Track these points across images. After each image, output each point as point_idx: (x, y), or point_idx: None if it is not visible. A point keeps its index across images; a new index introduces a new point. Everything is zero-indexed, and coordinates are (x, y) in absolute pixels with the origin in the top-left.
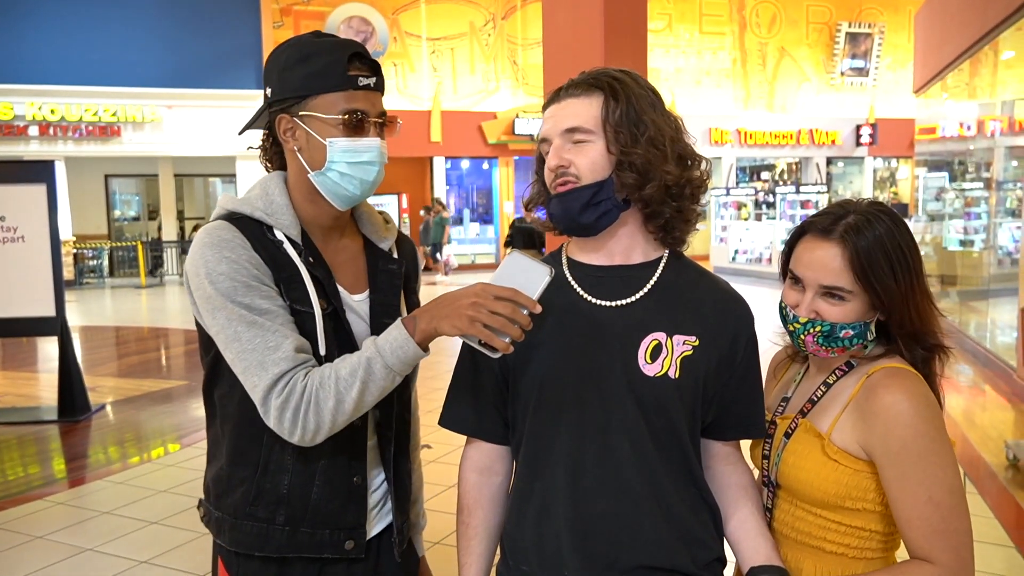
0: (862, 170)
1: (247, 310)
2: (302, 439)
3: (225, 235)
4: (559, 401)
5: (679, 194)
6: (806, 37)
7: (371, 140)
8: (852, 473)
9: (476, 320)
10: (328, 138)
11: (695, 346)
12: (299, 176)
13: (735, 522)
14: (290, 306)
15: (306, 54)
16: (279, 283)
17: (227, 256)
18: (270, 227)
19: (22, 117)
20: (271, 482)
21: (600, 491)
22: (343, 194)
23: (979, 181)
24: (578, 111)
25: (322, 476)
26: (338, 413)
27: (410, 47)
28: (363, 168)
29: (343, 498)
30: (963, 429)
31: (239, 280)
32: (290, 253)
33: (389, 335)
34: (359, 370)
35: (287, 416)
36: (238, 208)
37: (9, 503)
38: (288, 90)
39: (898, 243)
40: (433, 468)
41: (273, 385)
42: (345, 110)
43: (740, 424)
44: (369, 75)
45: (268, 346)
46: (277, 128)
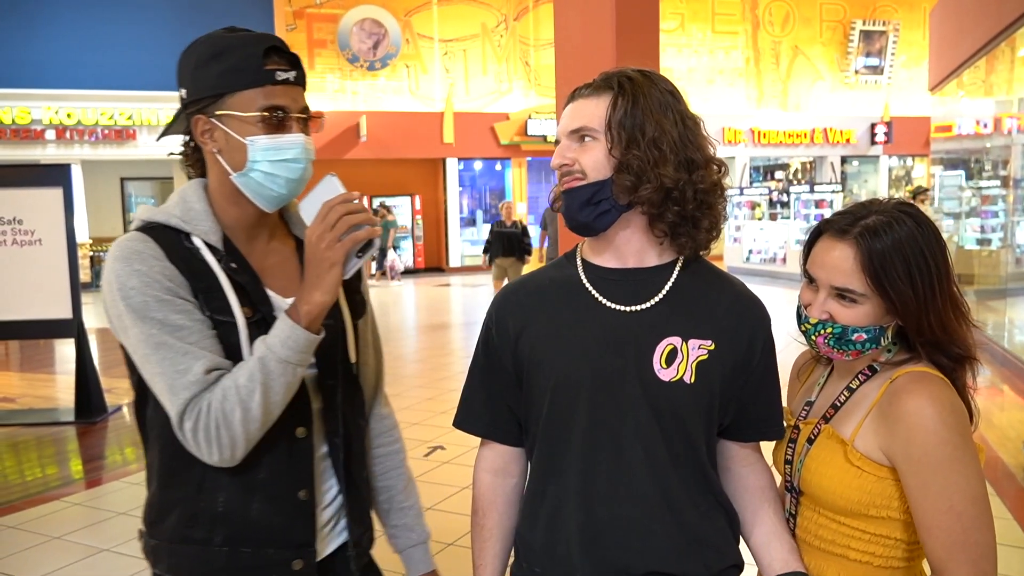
0: (877, 169)
1: (159, 327)
2: (223, 458)
3: (136, 246)
4: (572, 405)
5: (681, 198)
6: (820, 35)
7: (294, 137)
8: (876, 480)
9: (335, 247)
10: (248, 137)
11: (711, 350)
12: (221, 179)
13: (754, 528)
14: (211, 317)
15: (219, 50)
16: (197, 294)
17: (137, 269)
18: (188, 235)
19: (39, 121)
20: (206, 501)
21: (611, 496)
22: (269, 195)
23: (996, 179)
24: (586, 111)
25: (262, 491)
26: (248, 422)
27: (422, 49)
28: (287, 166)
29: (287, 514)
30: (981, 430)
31: (151, 294)
32: (208, 261)
33: (276, 329)
34: (256, 372)
35: (200, 438)
36: (154, 217)
37: (27, 504)
38: (203, 89)
39: (920, 247)
40: (446, 469)
41: (183, 410)
42: (264, 107)
43: (758, 425)
44: (288, 69)
45: (177, 369)
46: (194, 130)
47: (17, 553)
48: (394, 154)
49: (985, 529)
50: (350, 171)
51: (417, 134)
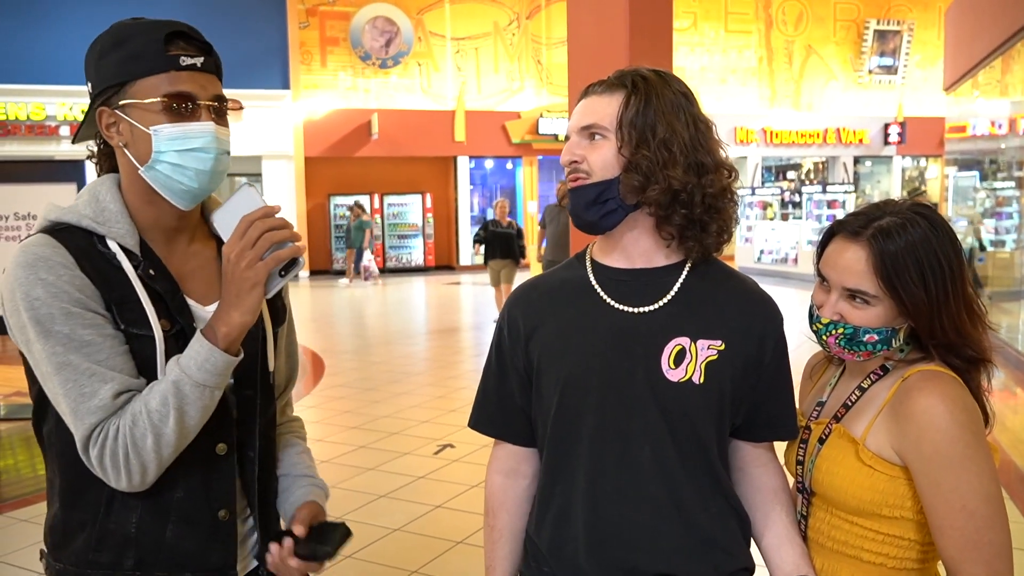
0: (890, 169)
1: (64, 345)
2: (131, 485)
3: (43, 252)
4: (580, 406)
5: (689, 201)
6: (833, 35)
7: (203, 124)
8: (888, 479)
9: (256, 267)
10: (152, 126)
11: (720, 350)
12: (131, 175)
13: (765, 530)
14: (125, 330)
15: (121, 38)
16: (111, 305)
17: (43, 278)
18: (101, 237)
19: (53, 117)
20: (116, 522)
21: (619, 497)
22: (179, 188)
23: (1011, 180)
24: (597, 109)
25: (177, 511)
26: (161, 448)
27: (434, 47)
28: (196, 156)
29: (206, 536)
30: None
31: (57, 307)
32: (124, 267)
33: (191, 350)
34: (169, 397)
35: (107, 464)
36: (62, 217)
37: (40, 497)
38: (105, 79)
39: (933, 249)
40: (456, 468)
41: (88, 436)
42: (167, 92)
43: (770, 425)
44: (195, 54)
45: (82, 392)
46: (99, 124)
47: (30, 546)
48: (405, 152)
49: (999, 528)
50: (361, 169)
51: (428, 132)
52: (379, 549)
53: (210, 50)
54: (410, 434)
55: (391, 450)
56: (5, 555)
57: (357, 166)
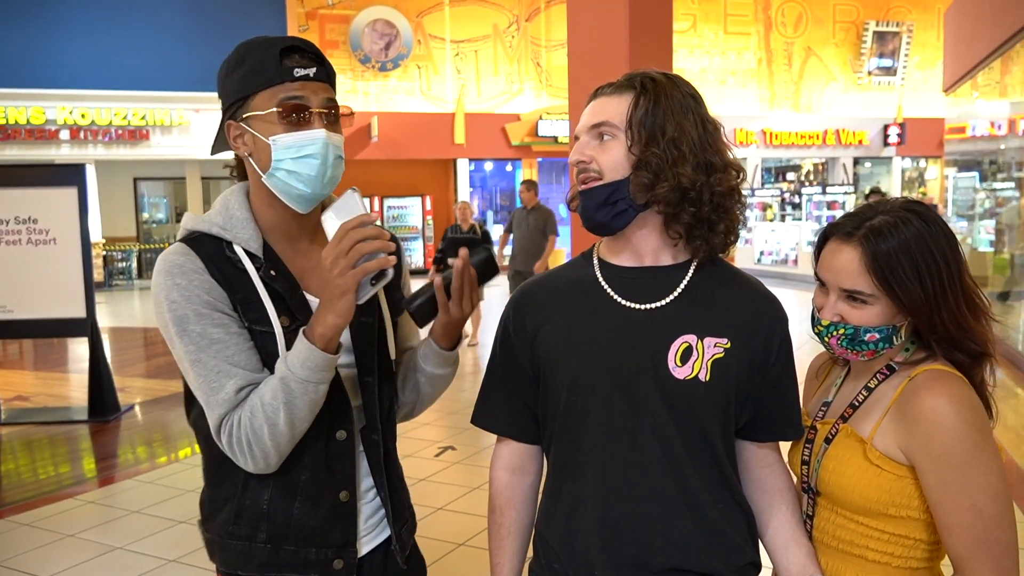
0: (890, 170)
1: (196, 343)
2: (258, 468)
3: (178, 260)
4: (588, 403)
5: (698, 199)
6: (833, 36)
7: (314, 132)
8: (895, 479)
9: (346, 275)
10: (271, 136)
11: (726, 348)
12: (256, 182)
13: (770, 529)
14: (250, 327)
15: (242, 56)
16: (236, 305)
17: (178, 283)
18: (229, 243)
19: (53, 121)
20: (251, 499)
21: (629, 493)
22: (295, 193)
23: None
24: (607, 108)
25: (304, 491)
26: (277, 436)
27: (434, 49)
28: (308, 163)
29: (327, 515)
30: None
31: (191, 308)
32: (248, 269)
33: (295, 349)
34: (278, 392)
35: (235, 450)
36: (196, 227)
37: (41, 502)
38: (230, 95)
39: (928, 246)
40: (457, 469)
41: (218, 425)
42: (281, 101)
43: (775, 425)
44: (308, 65)
45: (211, 387)
46: (227, 136)
47: (31, 551)
48: (405, 155)
49: (1007, 526)
50: (362, 172)
51: (428, 135)
52: None
53: (323, 61)
54: (411, 436)
55: None
56: (6, 560)
57: (357, 169)
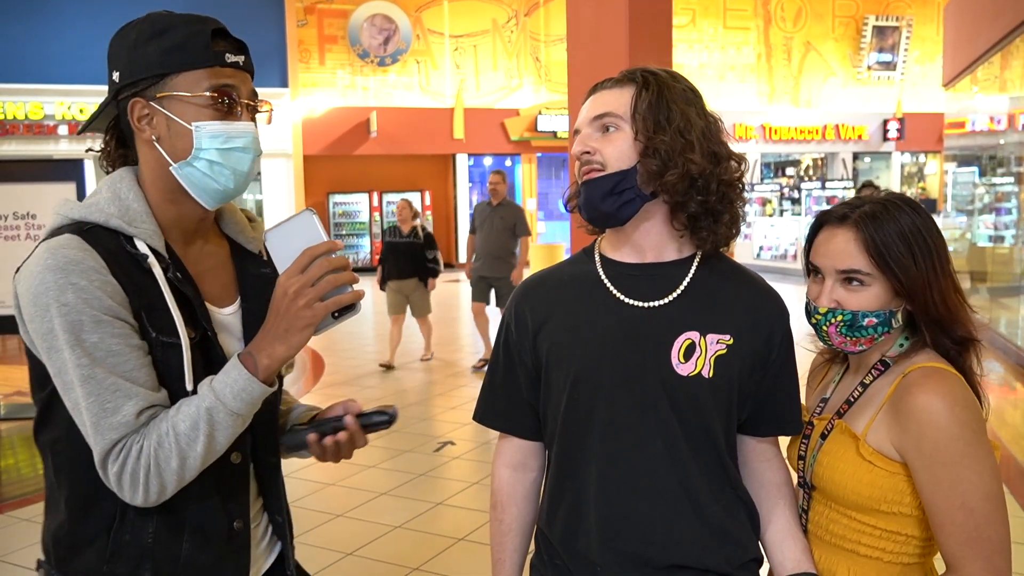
0: (889, 165)
1: (90, 353)
2: (146, 502)
3: (74, 255)
4: (591, 401)
5: (705, 188)
6: (832, 31)
7: (245, 124)
8: (887, 475)
9: (314, 307)
10: (194, 122)
11: (729, 345)
12: (157, 171)
13: (768, 524)
14: (156, 338)
15: (161, 28)
16: (140, 311)
17: (74, 283)
18: (129, 238)
19: (52, 117)
20: (131, 534)
21: (632, 490)
22: (213, 188)
23: (1010, 176)
24: (609, 100)
25: (193, 523)
26: (184, 470)
27: (433, 44)
28: (236, 156)
29: (221, 550)
30: (994, 428)
31: (87, 314)
32: (155, 270)
33: (228, 377)
34: (200, 423)
35: (125, 482)
36: (88, 216)
37: (41, 497)
38: (141, 69)
39: (918, 228)
40: (456, 465)
41: (108, 452)
42: (213, 87)
43: (776, 420)
44: (236, 52)
45: (105, 408)
46: (130, 115)
47: (31, 546)
48: (404, 150)
49: (999, 524)
50: (360, 167)
51: (427, 130)
52: (380, 547)
53: (247, 50)
54: (410, 431)
55: (391, 447)
56: (6, 555)
57: (356, 164)
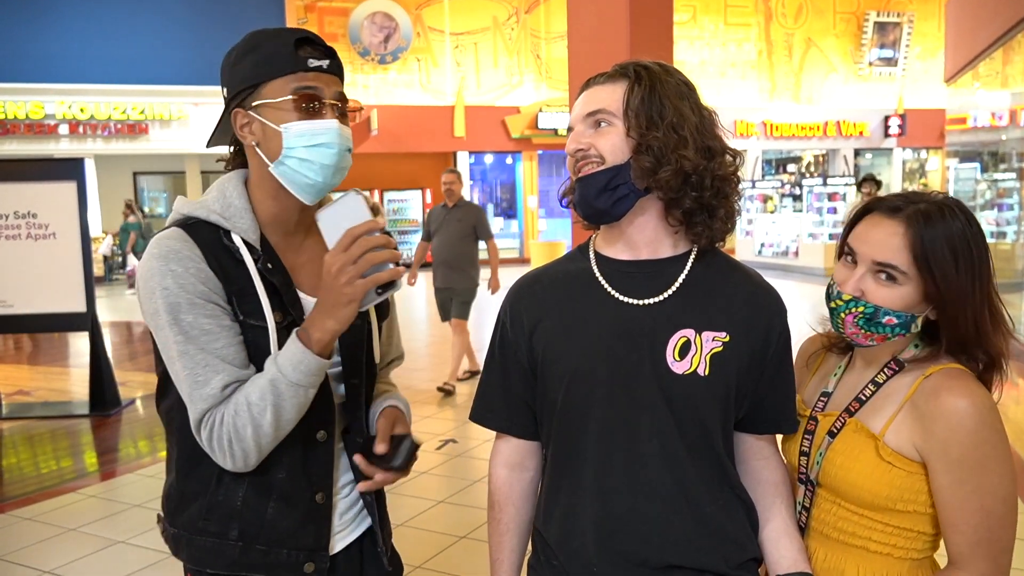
0: (891, 161)
1: (186, 332)
2: (236, 467)
3: (174, 245)
4: (587, 400)
5: (699, 184)
6: (833, 27)
7: (327, 122)
8: (905, 475)
9: (355, 284)
10: (282, 124)
11: (725, 342)
12: (260, 172)
13: (765, 523)
14: (244, 321)
15: (254, 44)
16: (231, 296)
17: (173, 270)
18: (227, 231)
19: (52, 116)
20: (225, 495)
21: (627, 490)
22: (305, 183)
23: (1011, 172)
24: (602, 96)
25: (279, 492)
26: (260, 437)
27: (433, 42)
28: (320, 151)
29: (300, 517)
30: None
31: (184, 297)
32: (246, 260)
33: (288, 351)
34: (267, 394)
35: (215, 447)
36: (193, 212)
37: (42, 496)
38: (239, 83)
39: (967, 240)
40: (458, 463)
41: (199, 420)
42: (296, 90)
43: (773, 418)
44: (321, 57)
45: (196, 380)
46: (234, 125)
47: (33, 545)
48: (405, 148)
49: (1009, 527)
50: (361, 165)
51: (428, 128)
52: None
53: (334, 54)
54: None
55: None
56: (8, 554)
57: (357, 162)
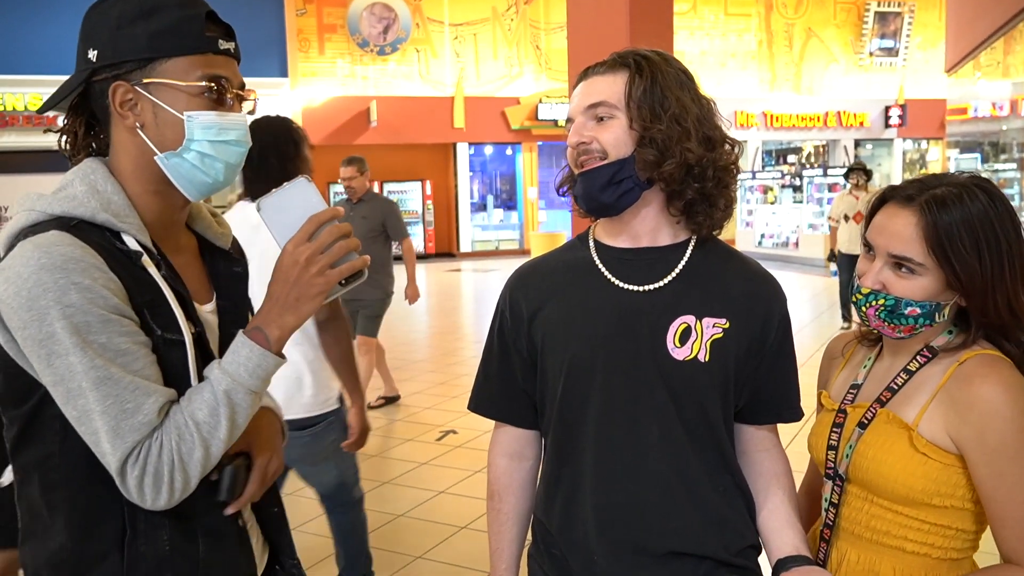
0: (891, 152)
1: (100, 355)
2: (169, 502)
3: (71, 252)
4: (587, 387)
5: (702, 175)
6: (834, 17)
7: (237, 116)
8: (941, 468)
9: (327, 274)
10: (186, 111)
11: (725, 329)
12: (140, 161)
13: (765, 512)
14: (162, 336)
15: (150, 8)
16: (141, 308)
17: (76, 282)
18: (116, 233)
19: None
20: (147, 544)
21: (628, 478)
22: (201, 180)
23: (1012, 162)
24: (602, 87)
25: (204, 526)
26: (208, 459)
27: (432, 33)
28: (228, 149)
29: (233, 546)
30: None
31: (94, 314)
32: (148, 267)
33: (239, 356)
34: (220, 407)
35: (147, 486)
36: (70, 211)
37: None
38: (127, 51)
39: (991, 222)
40: (458, 453)
41: (127, 456)
42: (207, 76)
43: (773, 407)
44: (228, 39)
45: (124, 408)
46: (111, 99)
47: None
48: (404, 139)
49: None
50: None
51: (427, 119)
52: (383, 535)
53: (235, 35)
54: (412, 421)
55: (394, 437)
56: None
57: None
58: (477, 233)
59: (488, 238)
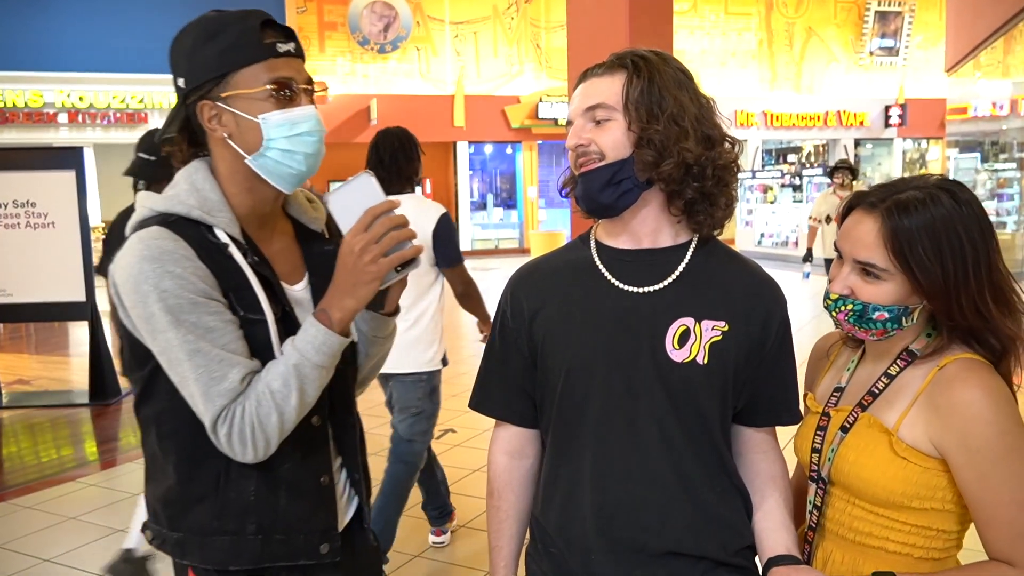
0: (891, 152)
1: (192, 331)
2: (255, 457)
3: (165, 245)
4: (586, 387)
5: (701, 174)
6: (834, 16)
7: (306, 109)
8: (921, 471)
9: (379, 262)
10: (260, 115)
11: (724, 331)
12: (234, 165)
13: (760, 513)
14: (244, 315)
15: (213, 30)
16: (228, 292)
17: (170, 271)
18: (209, 227)
19: (51, 104)
20: (235, 491)
21: (626, 478)
22: (287, 173)
23: (1012, 162)
24: (600, 89)
25: (287, 481)
26: (283, 423)
27: (433, 31)
28: (303, 140)
29: (312, 502)
30: None
31: (185, 297)
32: (235, 256)
33: (307, 334)
34: (291, 379)
35: (235, 442)
36: (171, 208)
37: (43, 484)
38: (202, 72)
39: (954, 226)
40: (458, 452)
41: (217, 417)
42: (271, 80)
43: (771, 409)
44: (286, 40)
45: (212, 376)
46: (200, 118)
47: (33, 533)
48: None
49: None
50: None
51: (428, 117)
52: None
53: (295, 36)
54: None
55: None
56: (8, 542)
57: (356, 152)
58: (477, 232)
59: (488, 237)
